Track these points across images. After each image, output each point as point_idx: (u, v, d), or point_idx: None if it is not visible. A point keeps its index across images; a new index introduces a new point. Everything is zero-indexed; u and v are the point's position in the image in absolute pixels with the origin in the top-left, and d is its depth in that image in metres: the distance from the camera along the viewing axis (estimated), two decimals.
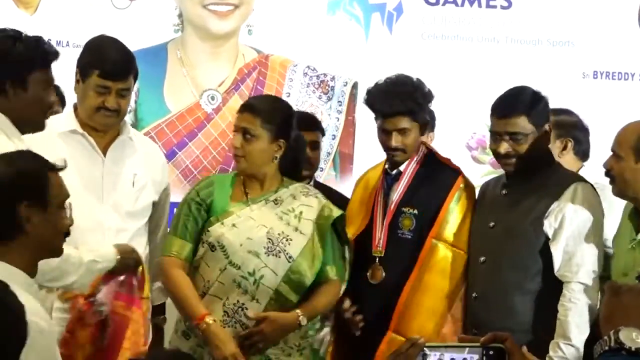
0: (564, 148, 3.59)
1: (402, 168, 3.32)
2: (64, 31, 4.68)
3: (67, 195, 2.13)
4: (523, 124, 2.99)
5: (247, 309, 3.02)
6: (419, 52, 4.85)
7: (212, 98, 4.92)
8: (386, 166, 3.39)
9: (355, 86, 4.90)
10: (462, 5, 4.88)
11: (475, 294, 3.10)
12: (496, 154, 3.15)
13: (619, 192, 3.00)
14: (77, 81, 3.20)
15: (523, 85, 3.19)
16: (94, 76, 3.09)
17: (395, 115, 3.21)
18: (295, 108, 4.38)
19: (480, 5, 4.87)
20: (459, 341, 1.79)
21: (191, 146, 4.77)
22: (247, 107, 3.24)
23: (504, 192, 3.15)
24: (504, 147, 3.03)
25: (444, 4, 4.89)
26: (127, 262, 2.97)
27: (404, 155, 3.28)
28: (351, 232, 3.29)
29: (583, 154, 3.76)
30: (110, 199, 3.17)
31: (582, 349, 2.84)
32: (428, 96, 3.30)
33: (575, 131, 3.74)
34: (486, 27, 4.85)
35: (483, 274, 3.09)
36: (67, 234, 2.19)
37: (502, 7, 4.85)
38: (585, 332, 2.87)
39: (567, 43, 4.78)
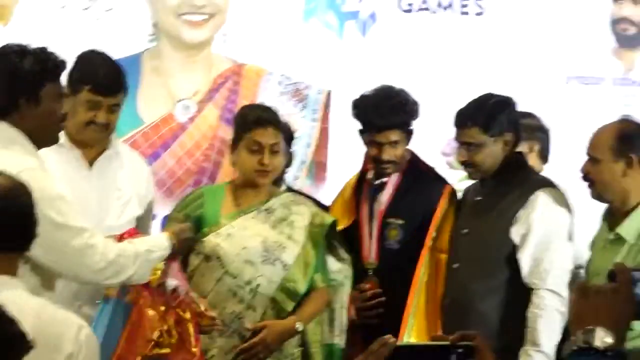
0: (530, 150, 3.64)
1: (385, 178, 3.34)
2: (38, 42, 4.68)
3: None
4: (475, 134, 3.07)
5: (243, 317, 3.05)
6: (393, 59, 4.89)
7: (187, 108, 4.95)
8: (369, 176, 3.42)
9: (329, 95, 4.95)
10: (436, 12, 4.95)
11: (448, 300, 3.16)
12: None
13: (597, 195, 3.04)
14: (65, 95, 3.20)
15: (488, 94, 3.25)
16: (84, 91, 3.15)
17: (388, 128, 3.24)
18: None
19: (453, 12, 4.94)
20: (431, 340, 1.84)
21: (165, 157, 4.80)
22: (270, 122, 3.22)
23: (477, 198, 3.21)
24: (460, 156, 3.17)
25: (417, 11, 4.94)
26: (185, 242, 2.95)
27: (395, 167, 3.31)
28: None
29: (545, 156, 3.84)
30: (94, 212, 3.16)
31: (552, 356, 2.90)
32: (416, 106, 3.35)
33: (539, 133, 3.81)
34: (460, 33, 4.92)
35: (456, 280, 3.15)
36: None
37: (476, 14, 4.93)
38: (555, 338, 2.91)
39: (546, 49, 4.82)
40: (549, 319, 2.91)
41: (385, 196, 3.36)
